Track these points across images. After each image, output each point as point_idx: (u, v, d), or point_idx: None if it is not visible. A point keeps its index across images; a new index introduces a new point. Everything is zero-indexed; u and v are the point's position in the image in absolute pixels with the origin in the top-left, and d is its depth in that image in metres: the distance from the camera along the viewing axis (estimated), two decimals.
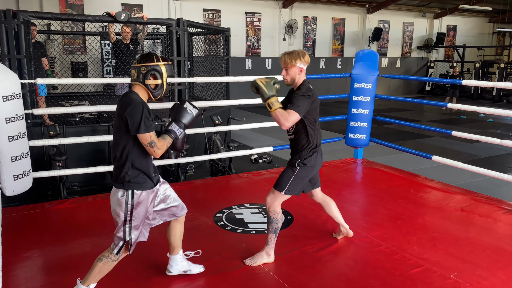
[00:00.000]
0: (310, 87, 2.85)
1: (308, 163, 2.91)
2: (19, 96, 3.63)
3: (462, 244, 3.37)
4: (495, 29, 21.09)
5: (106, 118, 5.97)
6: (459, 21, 19.92)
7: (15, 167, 3.61)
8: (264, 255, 3.00)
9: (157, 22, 5.74)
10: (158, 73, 2.35)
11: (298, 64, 2.84)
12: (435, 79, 13.34)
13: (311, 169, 2.96)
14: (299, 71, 2.86)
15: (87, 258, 3.09)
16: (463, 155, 7.43)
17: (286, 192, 2.93)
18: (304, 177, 2.96)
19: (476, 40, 20.38)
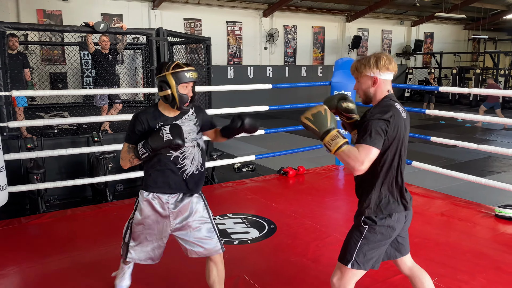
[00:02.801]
0: (388, 105, 1.97)
1: (382, 222, 2.03)
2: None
3: (442, 249, 3.41)
4: (470, 36, 21.64)
5: (86, 130, 5.87)
6: (435, 28, 20.37)
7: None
8: None
9: (137, 32, 5.70)
10: (165, 83, 2.27)
11: (369, 73, 2.03)
12: (413, 86, 13.64)
13: (390, 231, 2.05)
14: (372, 82, 2.03)
15: (67, 274, 3.03)
16: (443, 160, 7.55)
17: (355, 266, 2.06)
18: (380, 242, 2.05)
19: (453, 46, 20.85)
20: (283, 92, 14.49)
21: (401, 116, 1.99)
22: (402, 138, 1.98)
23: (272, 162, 6.67)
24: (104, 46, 6.20)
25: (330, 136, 1.89)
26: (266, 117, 13.11)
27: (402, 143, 2.00)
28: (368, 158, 1.86)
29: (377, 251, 2.05)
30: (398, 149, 1.99)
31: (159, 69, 2.31)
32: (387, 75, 2.03)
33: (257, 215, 4.14)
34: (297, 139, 9.44)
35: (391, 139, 1.95)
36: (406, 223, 2.13)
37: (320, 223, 3.95)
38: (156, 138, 2.20)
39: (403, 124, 1.98)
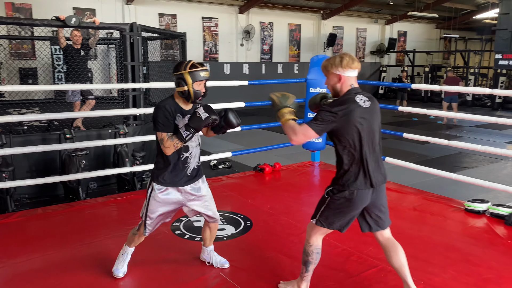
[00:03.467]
0: (344, 100, 2.32)
1: (340, 193, 2.40)
2: None
3: (414, 243, 3.48)
4: (442, 35, 22.17)
5: (57, 126, 5.73)
6: (409, 27, 20.77)
7: None
8: (295, 286, 2.67)
9: (110, 27, 5.60)
10: (182, 80, 2.59)
11: (335, 71, 2.36)
12: (387, 83, 13.88)
13: (348, 204, 2.40)
14: (337, 79, 2.37)
15: (37, 274, 2.95)
16: (415, 156, 7.72)
17: (318, 223, 2.49)
18: (339, 210, 2.42)
19: (425, 45, 21.31)
20: (259, 89, 14.40)
21: (360, 106, 2.32)
22: (360, 125, 2.30)
23: (248, 159, 6.67)
24: (76, 41, 6.05)
25: (285, 110, 2.40)
26: (242, 114, 13.07)
27: (361, 129, 2.31)
28: (305, 135, 2.30)
29: (337, 217, 2.45)
30: (357, 134, 2.31)
31: (177, 68, 2.64)
32: (350, 72, 2.36)
33: (233, 212, 4.13)
34: (274, 136, 9.48)
35: (345, 127, 2.29)
36: (377, 199, 2.45)
37: (296, 218, 3.97)
38: (196, 119, 2.53)
39: (361, 113, 2.31)
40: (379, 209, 2.50)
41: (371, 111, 2.37)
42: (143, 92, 5.82)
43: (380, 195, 2.46)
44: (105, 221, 3.99)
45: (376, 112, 2.42)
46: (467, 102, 16.28)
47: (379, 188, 2.42)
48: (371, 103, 2.37)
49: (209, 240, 3.05)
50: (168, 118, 2.59)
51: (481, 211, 4.12)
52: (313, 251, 2.55)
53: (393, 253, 2.55)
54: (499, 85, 15.59)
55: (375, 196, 2.42)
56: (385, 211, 2.54)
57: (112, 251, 3.31)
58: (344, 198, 2.39)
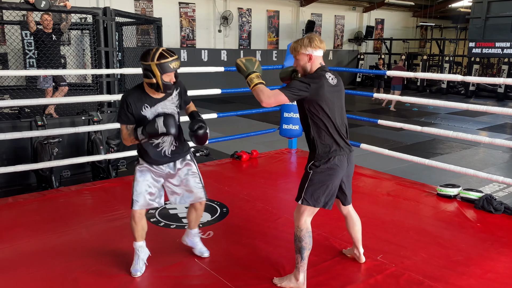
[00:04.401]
0: (315, 76, 2.46)
1: (323, 165, 2.50)
2: None
3: (388, 227, 3.55)
4: (418, 23, 22.44)
5: (28, 114, 5.57)
6: (386, 15, 20.93)
7: None
8: (292, 279, 2.62)
9: (82, 11, 5.43)
10: (150, 72, 2.46)
11: (304, 51, 2.48)
12: (364, 70, 13.99)
13: (330, 173, 2.50)
14: (308, 58, 2.49)
15: (5, 263, 2.89)
16: (390, 142, 7.84)
17: (304, 202, 2.53)
18: (323, 183, 2.51)
19: (402, 33, 21.54)
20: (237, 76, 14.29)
21: (329, 82, 2.47)
22: (330, 99, 2.46)
23: (225, 146, 6.65)
24: (47, 26, 5.87)
25: (253, 75, 2.45)
26: (219, 101, 13.03)
27: (331, 102, 2.47)
28: (276, 98, 2.38)
29: (322, 190, 2.52)
30: (328, 106, 2.45)
31: (144, 56, 2.48)
32: (319, 52, 2.50)
33: (210, 199, 4.12)
34: (251, 123, 9.47)
35: (317, 99, 2.42)
36: (349, 167, 2.60)
37: (272, 205, 3.99)
38: (152, 128, 2.52)
39: (329, 88, 2.46)
40: (349, 179, 2.71)
41: (338, 88, 2.54)
42: (117, 78, 5.70)
43: (351, 164, 2.63)
44: (79, 209, 3.92)
45: (342, 90, 2.59)
46: (441, 89, 16.60)
47: (350, 156, 2.60)
48: (337, 81, 2.54)
49: (194, 222, 2.99)
50: (127, 111, 2.57)
51: (453, 195, 4.23)
52: (305, 235, 2.54)
53: (352, 224, 2.88)
54: (472, 73, 15.93)
55: (349, 166, 2.60)
56: (349, 187, 2.75)
57: (85, 239, 3.27)
58: (326, 168, 2.50)
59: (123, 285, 2.68)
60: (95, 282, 2.70)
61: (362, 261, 2.93)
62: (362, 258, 2.94)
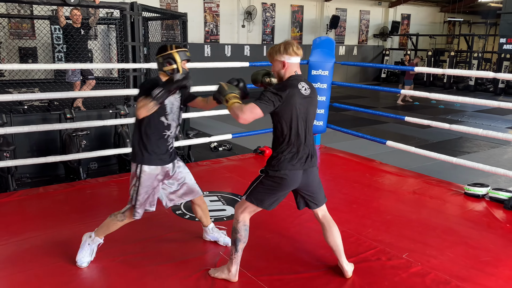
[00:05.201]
0: (287, 85, 2.42)
1: (273, 173, 2.49)
2: None
3: (414, 226, 3.50)
4: (446, 19, 21.90)
5: (57, 106, 5.71)
6: (412, 10, 20.51)
7: None
8: (225, 270, 2.68)
9: (110, 5, 5.51)
10: (172, 60, 2.66)
11: (279, 58, 2.46)
12: (390, 66, 13.78)
13: (279, 184, 2.50)
14: (282, 65, 2.47)
15: (38, 251, 2.98)
16: (416, 140, 7.71)
17: (248, 199, 2.58)
18: (271, 189, 2.52)
19: (429, 29, 21.08)
20: None
21: (301, 93, 2.43)
22: (298, 110, 2.42)
23: (248, 141, 6.67)
24: (76, 20, 5.98)
25: (231, 95, 2.50)
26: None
27: (299, 114, 2.43)
28: (252, 112, 2.34)
29: (268, 196, 2.55)
30: (295, 118, 2.42)
31: (163, 49, 2.70)
32: (294, 59, 2.47)
33: (234, 193, 4.15)
34: None
35: (285, 110, 2.40)
36: (308, 181, 2.56)
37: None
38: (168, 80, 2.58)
39: (300, 100, 2.42)
40: (312, 190, 2.63)
41: (310, 99, 2.49)
42: (143, 72, 5.78)
43: (311, 177, 2.58)
44: (105, 200, 4.01)
45: (314, 101, 2.54)
46: (469, 86, 16.20)
47: (310, 170, 2.55)
48: (310, 92, 2.50)
49: (205, 218, 3.10)
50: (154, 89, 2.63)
51: (481, 195, 4.13)
52: (241, 227, 2.60)
53: (328, 233, 2.70)
54: (502, 70, 15.47)
55: (306, 178, 2.54)
56: (318, 191, 2.67)
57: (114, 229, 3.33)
58: (277, 177, 2.49)
59: (149, 274, 2.73)
60: (122, 271, 2.76)
61: (348, 276, 2.70)
62: (347, 271, 2.70)
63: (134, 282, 2.67)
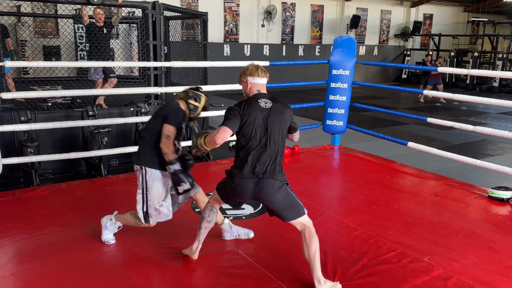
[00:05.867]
0: (246, 100, 2.61)
1: (229, 179, 2.60)
2: None
3: (435, 228, 3.44)
4: (470, 19, 21.45)
5: (80, 104, 5.80)
6: (435, 10, 20.16)
7: None
8: (191, 246, 2.87)
9: (132, 5, 5.58)
10: (199, 99, 2.99)
11: (244, 79, 2.70)
12: (411, 66, 13.56)
13: (232, 190, 2.60)
14: (245, 86, 2.70)
15: (60, 246, 3.04)
16: (438, 141, 7.57)
17: (217, 191, 2.75)
18: (228, 193, 2.66)
19: (451, 29, 20.69)
20: (280, 71, 14.33)
21: (259, 106, 2.56)
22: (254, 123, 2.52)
23: None
24: (99, 19, 6.07)
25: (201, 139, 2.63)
26: None
27: (256, 126, 2.53)
28: (221, 134, 2.50)
29: (227, 197, 2.69)
30: (251, 130, 2.52)
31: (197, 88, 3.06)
32: (257, 80, 2.67)
33: None
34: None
35: (243, 123, 2.53)
36: (263, 195, 2.54)
37: (315, 201, 3.96)
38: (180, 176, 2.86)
39: (258, 113, 2.53)
40: (271, 205, 2.59)
41: (271, 113, 2.57)
42: (164, 71, 5.83)
43: (265, 193, 2.53)
44: (126, 197, 4.05)
45: (276, 113, 2.58)
46: (493, 88, 15.84)
47: (264, 184, 2.52)
48: (272, 105, 2.59)
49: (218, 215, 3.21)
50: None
51: (505, 198, 4.03)
52: (207, 207, 2.81)
53: (306, 243, 2.62)
54: None
55: (259, 191, 2.53)
56: (281, 209, 2.59)
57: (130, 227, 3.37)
58: (231, 183, 2.60)
59: (168, 270, 2.75)
60: (142, 267, 2.78)
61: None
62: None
63: (153, 278, 2.69)
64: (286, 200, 2.59)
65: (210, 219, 2.81)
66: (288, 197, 2.60)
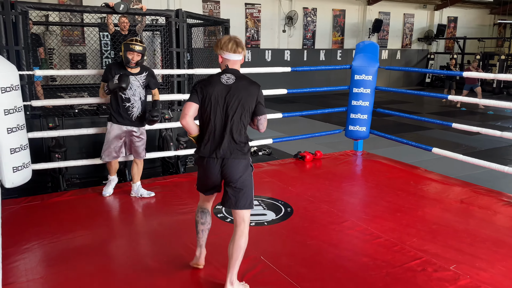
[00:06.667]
0: (209, 78, 2.56)
1: (196, 159, 2.61)
2: (17, 88, 3.60)
3: (461, 236, 3.37)
4: (496, 21, 20.95)
5: (105, 110, 5.93)
6: (460, 12, 19.80)
7: (14, 159, 3.59)
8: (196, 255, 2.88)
9: (156, 13, 5.68)
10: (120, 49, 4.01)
11: (216, 51, 2.59)
12: (435, 71, 13.32)
13: (200, 170, 2.61)
14: (220, 60, 2.62)
15: (86, 250, 3.11)
16: (463, 147, 7.42)
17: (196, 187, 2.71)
18: (199, 175, 2.64)
19: (477, 32, 20.25)
20: (301, 76, 14.35)
21: (220, 83, 2.51)
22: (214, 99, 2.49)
23: (288, 146, 6.66)
24: (124, 27, 6.21)
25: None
26: (283, 101, 13.05)
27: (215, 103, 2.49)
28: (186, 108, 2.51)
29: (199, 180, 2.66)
30: (210, 106, 2.50)
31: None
32: (229, 55, 2.55)
33: (274, 198, 4.16)
34: (314, 123, 9.39)
35: (204, 99, 2.51)
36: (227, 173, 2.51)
37: (337, 207, 3.94)
38: (111, 83, 3.83)
39: (219, 89, 2.49)
40: (230, 186, 2.53)
41: (232, 89, 2.50)
42: (187, 78, 5.90)
43: (230, 170, 2.50)
44: (150, 202, 4.12)
45: (238, 90, 2.50)
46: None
47: (228, 161, 2.50)
48: (234, 82, 2.51)
49: (137, 176, 4.11)
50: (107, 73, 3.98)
51: None
52: (198, 210, 2.82)
53: (234, 239, 2.56)
54: None
55: (225, 168, 2.50)
56: (236, 191, 2.53)
57: (156, 231, 3.43)
58: (198, 162, 2.60)
59: (193, 276, 2.78)
60: (166, 272, 2.82)
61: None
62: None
63: (176, 283, 2.73)
64: (244, 183, 2.53)
65: (203, 221, 2.80)
66: (246, 181, 2.54)
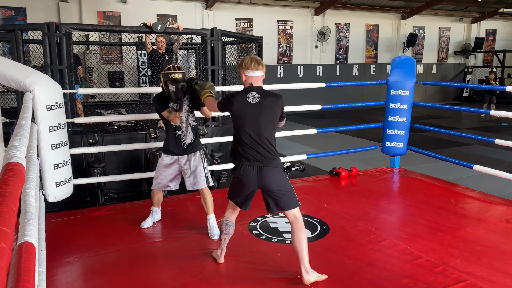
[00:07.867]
0: (238, 94, 2.83)
1: (234, 173, 2.86)
2: (61, 106, 3.75)
3: (508, 258, 3.21)
4: None
5: (143, 126, 6.08)
6: (498, 25, 19.25)
7: (58, 174, 3.72)
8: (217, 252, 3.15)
9: (192, 32, 5.82)
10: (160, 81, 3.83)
11: (240, 71, 2.88)
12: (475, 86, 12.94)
13: (238, 181, 2.84)
14: (244, 79, 2.87)
15: (124, 264, 3.15)
16: (505, 164, 7.12)
17: (228, 195, 2.99)
18: (235, 187, 2.90)
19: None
20: (334, 91, 14.29)
21: (247, 101, 2.78)
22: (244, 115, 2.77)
23: (322, 163, 6.59)
24: (161, 46, 6.38)
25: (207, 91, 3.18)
26: (316, 116, 12.99)
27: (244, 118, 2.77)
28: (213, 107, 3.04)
29: (235, 192, 2.91)
30: (241, 121, 2.78)
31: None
32: (251, 73, 2.83)
33: (309, 215, 4.10)
34: (349, 139, 9.28)
35: (234, 114, 2.81)
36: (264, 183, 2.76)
37: (375, 226, 3.84)
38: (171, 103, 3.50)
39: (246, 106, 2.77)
40: (271, 192, 2.80)
41: (258, 107, 2.77)
42: (221, 95, 5.98)
43: (267, 179, 2.76)
44: (185, 217, 4.15)
45: (264, 108, 2.78)
46: None
47: (263, 171, 2.75)
48: (260, 100, 2.78)
49: (205, 208, 3.71)
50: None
51: None
52: (223, 221, 3.04)
53: (294, 235, 2.84)
54: None
55: (261, 178, 2.75)
56: (279, 195, 2.79)
57: (191, 247, 3.44)
58: (235, 176, 2.85)
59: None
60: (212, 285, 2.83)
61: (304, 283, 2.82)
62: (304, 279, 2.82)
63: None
64: (283, 187, 2.80)
65: (226, 232, 3.05)
66: (285, 186, 2.81)
